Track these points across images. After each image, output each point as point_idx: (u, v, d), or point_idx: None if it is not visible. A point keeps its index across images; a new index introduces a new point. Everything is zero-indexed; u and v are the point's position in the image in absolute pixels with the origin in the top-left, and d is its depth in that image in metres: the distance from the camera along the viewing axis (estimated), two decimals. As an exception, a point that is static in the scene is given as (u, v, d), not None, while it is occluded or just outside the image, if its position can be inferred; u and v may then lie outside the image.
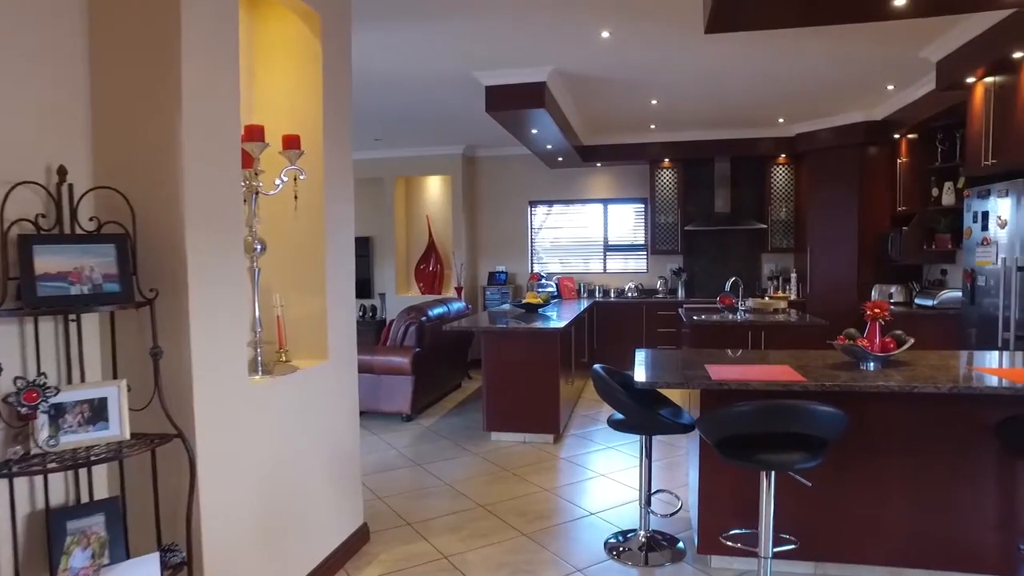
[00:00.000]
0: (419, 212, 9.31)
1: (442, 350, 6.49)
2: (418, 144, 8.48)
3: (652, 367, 3.02)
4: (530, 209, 8.96)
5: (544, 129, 6.02)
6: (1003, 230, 4.23)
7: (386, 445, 5.21)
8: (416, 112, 6.62)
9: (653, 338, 7.82)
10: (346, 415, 3.18)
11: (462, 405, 6.60)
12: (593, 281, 8.69)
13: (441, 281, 9.15)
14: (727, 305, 5.80)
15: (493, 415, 5.20)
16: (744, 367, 2.96)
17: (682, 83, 5.65)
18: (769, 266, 8.17)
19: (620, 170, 8.59)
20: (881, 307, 2.98)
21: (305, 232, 2.93)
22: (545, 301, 6.25)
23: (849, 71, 5.40)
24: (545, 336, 5.05)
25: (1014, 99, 4.17)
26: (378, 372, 5.88)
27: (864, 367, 2.93)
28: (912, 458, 2.80)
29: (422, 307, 6.18)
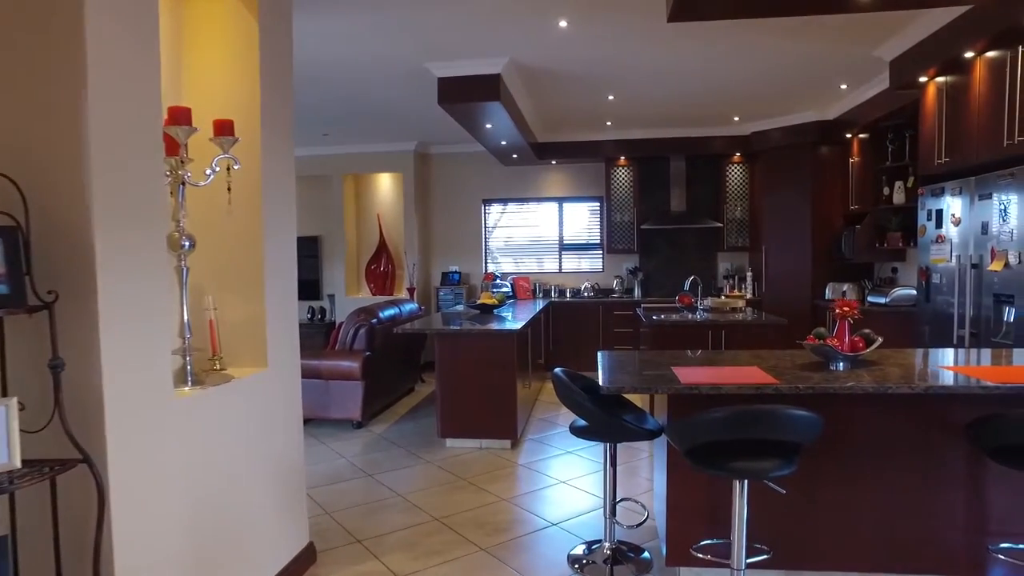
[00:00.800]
0: (370, 211, 9.00)
1: (394, 353, 6.24)
2: (368, 140, 8.18)
3: (616, 370, 2.87)
4: (484, 208, 8.76)
5: (499, 124, 5.83)
6: (957, 228, 4.24)
7: (335, 455, 4.94)
8: (366, 106, 6.35)
9: (610, 338, 7.72)
10: (289, 427, 2.93)
11: (416, 410, 6.36)
12: (548, 281, 8.55)
13: (393, 282, 8.88)
14: (686, 304, 5.73)
15: (447, 421, 4.98)
16: (713, 369, 2.83)
17: (640, 78, 5.54)
18: (724, 265, 8.18)
19: (575, 168, 8.48)
20: (850, 306, 2.90)
21: (241, 228, 2.67)
22: (500, 302, 6.07)
23: (804, 69, 5.38)
24: (501, 338, 4.87)
25: (966, 99, 4.19)
26: (326, 377, 5.59)
27: (834, 367, 2.84)
28: (882, 460, 2.72)
29: (372, 309, 5.92)
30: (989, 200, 3.90)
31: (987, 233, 3.92)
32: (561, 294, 8.33)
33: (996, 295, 3.84)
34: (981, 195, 3.98)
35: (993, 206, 3.86)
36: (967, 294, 4.11)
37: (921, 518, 2.72)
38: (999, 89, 3.83)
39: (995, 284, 3.86)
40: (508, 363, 4.86)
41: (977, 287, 4.03)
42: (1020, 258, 3.63)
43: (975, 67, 4.10)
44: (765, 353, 3.25)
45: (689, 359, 3.12)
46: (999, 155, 3.82)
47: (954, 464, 2.69)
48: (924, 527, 2.72)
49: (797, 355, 3.15)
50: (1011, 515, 2.68)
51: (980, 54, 4.03)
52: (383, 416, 6.12)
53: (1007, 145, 3.73)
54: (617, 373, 2.80)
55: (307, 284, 8.98)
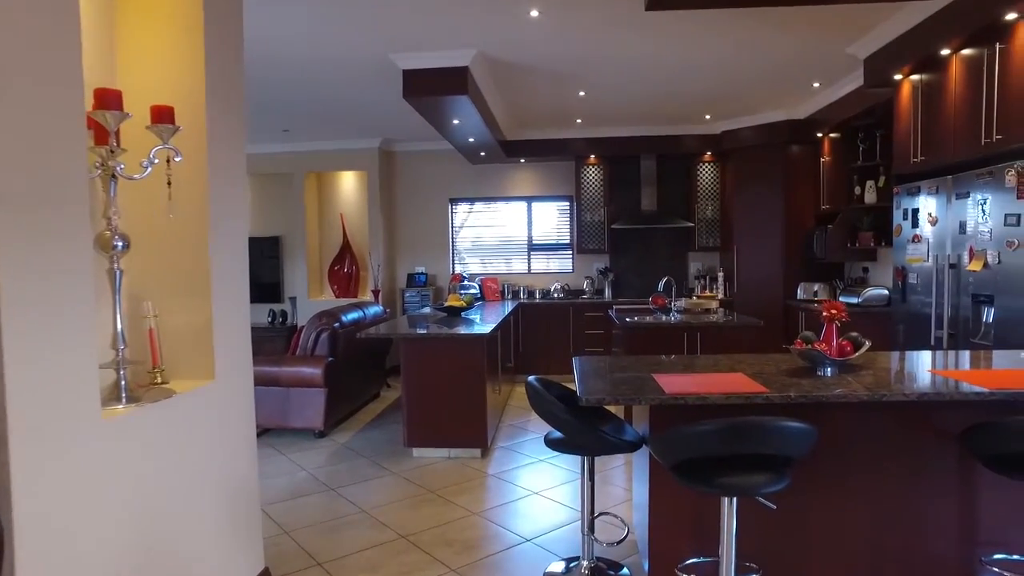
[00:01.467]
0: (333, 210, 8.71)
1: (358, 358, 5.98)
2: (331, 137, 7.90)
3: (593, 378, 2.69)
4: (451, 207, 8.54)
5: (466, 119, 5.63)
6: (933, 227, 4.17)
7: (295, 467, 4.68)
8: (327, 100, 6.08)
9: (581, 340, 7.57)
10: (240, 443, 2.68)
11: (381, 417, 6.11)
12: (517, 282, 8.37)
13: (357, 283, 8.60)
14: (660, 306, 5.60)
15: (414, 429, 4.76)
16: (696, 376, 2.67)
17: (611, 73, 5.39)
18: (696, 265, 8.10)
19: (545, 167, 8.31)
20: (838, 308, 2.77)
21: (185, 227, 2.42)
22: (468, 304, 5.87)
23: (778, 66, 5.30)
24: (469, 342, 4.66)
25: (941, 97, 4.13)
26: (286, 385, 5.32)
27: (821, 372, 2.70)
28: (873, 469, 2.60)
29: (335, 312, 5.66)
30: (967, 199, 3.83)
31: (965, 232, 3.85)
32: (530, 295, 8.16)
33: (974, 295, 3.78)
34: (959, 194, 3.92)
35: (971, 205, 3.80)
36: (944, 294, 4.05)
37: (913, 529, 2.60)
38: (976, 87, 3.77)
39: (973, 284, 3.80)
40: (477, 368, 4.67)
41: (955, 287, 3.97)
42: (999, 258, 3.56)
43: (951, 65, 4.04)
44: (748, 358, 3.12)
45: (669, 365, 2.97)
46: (976, 154, 3.76)
47: (946, 473, 2.58)
48: (916, 538, 2.60)
49: (781, 360, 3.02)
50: (1004, 525, 2.58)
51: (956, 51, 3.97)
52: (347, 424, 5.86)
53: (984, 144, 3.67)
54: (595, 382, 2.62)
55: (268, 286, 8.65)
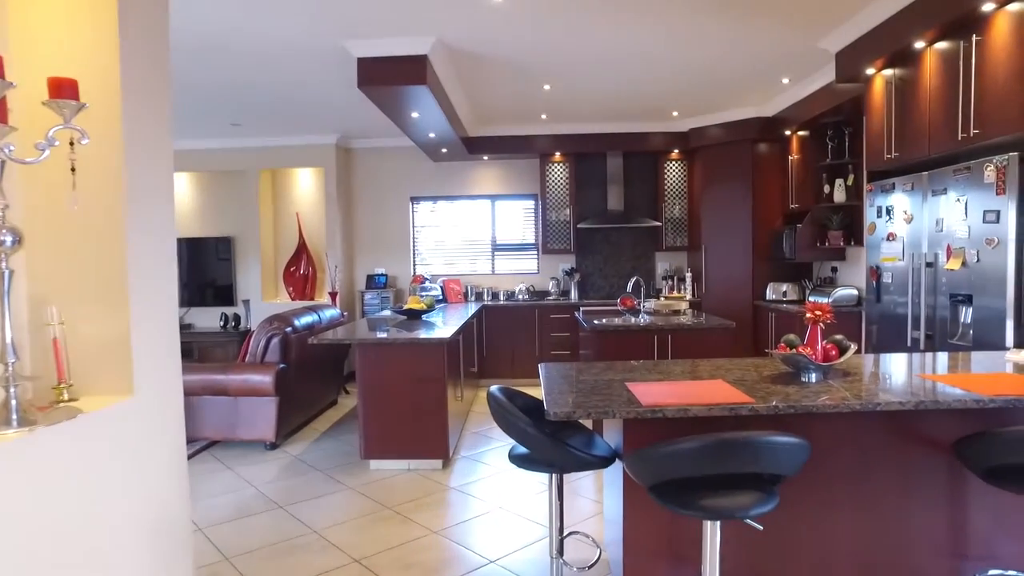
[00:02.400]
0: (288, 209, 8.33)
1: (313, 364, 5.66)
2: (285, 132, 7.54)
3: (561, 389, 2.46)
4: (412, 206, 8.25)
5: (426, 113, 5.36)
6: (909, 225, 4.06)
7: (242, 483, 4.35)
8: (278, 92, 5.74)
9: (548, 343, 7.36)
10: (166, 467, 2.37)
11: (338, 426, 5.80)
12: (481, 283, 8.12)
13: (314, 285, 8.24)
14: (628, 307, 5.41)
15: (371, 440, 4.48)
16: (672, 385, 2.46)
17: (578, 65, 5.19)
18: (663, 265, 7.95)
19: (509, 164, 8.08)
20: (822, 309, 2.59)
21: (96, 221, 2.11)
22: (429, 306, 5.60)
23: (748, 61, 5.16)
24: (429, 348, 4.40)
25: (915, 91, 4.02)
26: (234, 394, 4.98)
27: (806, 378, 2.52)
28: (860, 482, 2.42)
29: (287, 316, 5.33)
30: (944, 196, 3.72)
31: (942, 230, 3.74)
32: (495, 297, 7.91)
33: (952, 295, 3.66)
34: (935, 191, 3.80)
35: (948, 202, 3.68)
36: (921, 294, 3.93)
37: (902, 544, 2.43)
38: (951, 81, 3.66)
39: (951, 283, 3.68)
40: (437, 375, 4.40)
41: (932, 287, 3.85)
42: (978, 256, 3.44)
43: (925, 58, 3.92)
44: (726, 363, 2.92)
45: (642, 371, 2.75)
46: (953, 149, 3.64)
47: (937, 485, 2.42)
48: (906, 554, 2.43)
49: (762, 364, 2.83)
50: (998, 538, 2.42)
51: (931, 44, 3.86)
52: (301, 434, 5.54)
53: (961, 139, 3.55)
54: (563, 392, 2.39)
55: (220, 289, 8.24)
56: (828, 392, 2.26)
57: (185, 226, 8.31)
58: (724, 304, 6.97)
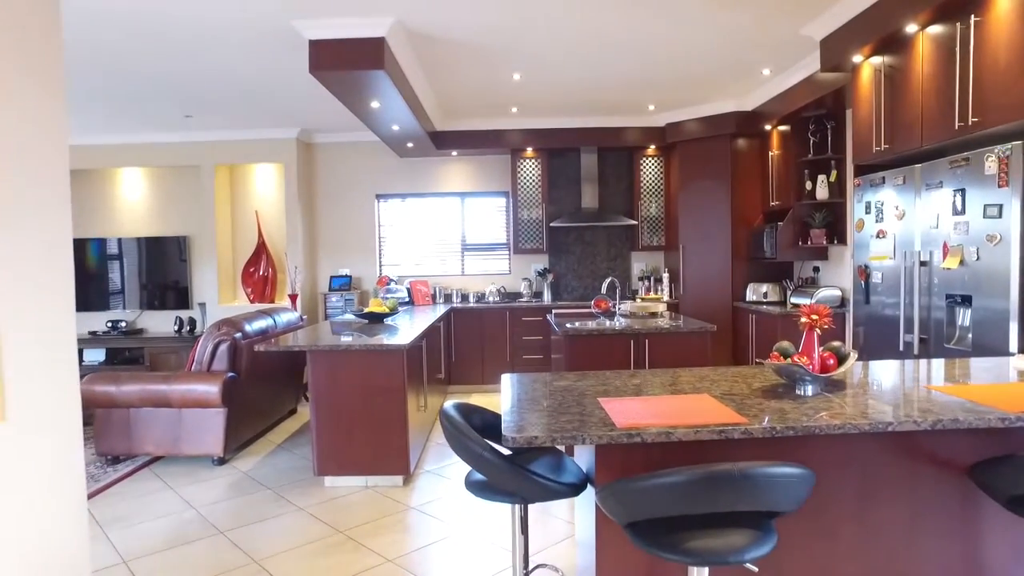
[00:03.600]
0: (247, 207, 7.91)
1: (268, 371, 5.27)
2: (242, 125, 7.12)
3: (525, 406, 2.14)
4: (378, 204, 7.87)
5: (388, 102, 5.01)
6: (901, 222, 3.81)
7: (183, 504, 3.96)
8: (231, 81, 5.34)
9: (519, 347, 7.03)
10: (53, 502, 2.00)
11: (295, 438, 5.41)
12: (450, 284, 7.77)
13: (274, 287, 7.82)
14: (603, 310, 5.10)
15: (325, 456, 4.11)
16: (652, 401, 2.15)
17: (548, 53, 4.87)
18: (639, 265, 7.68)
19: (479, 160, 7.74)
20: (820, 312, 2.30)
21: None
22: (392, 309, 5.24)
23: (728, 49, 4.88)
24: (388, 355, 4.05)
25: (907, 79, 3.77)
26: (177, 406, 4.58)
27: (801, 391, 2.23)
28: (864, 511, 2.13)
29: (237, 321, 4.93)
30: (939, 190, 3.46)
31: (938, 227, 3.48)
32: (464, 299, 7.57)
33: (949, 296, 3.41)
34: (929, 184, 3.55)
35: (944, 196, 3.43)
36: (914, 295, 3.68)
37: (911, 582, 2.15)
38: (947, 66, 3.41)
39: (948, 283, 3.43)
40: (397, 384, 4.05)
41: (926, 287, 3.60)
42: (978, 254, 3.19)
43: (917, 44, 3.67)
44: (711, 373, 2.62)
45: (617, 384, 2.44)
46: (949, 140, 3.39)
47: (950, 512, 2.13)
48: (915, 593, 2.15)
49: (751, 375, 2.54)
50: (1018, 573, 2.15)
51: (924, 28, 3.61)
52: (254, 447, 5.14)
53: (959, 128, 3.30)
54: (527, 411, 2.06)
55: (174, 291, 7.78)
56: (828, 408, 1.96)
57: (138, 225, 7.85)
58: (702, 306, 6.71)
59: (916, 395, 2.16)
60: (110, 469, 4.58)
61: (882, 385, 2.32)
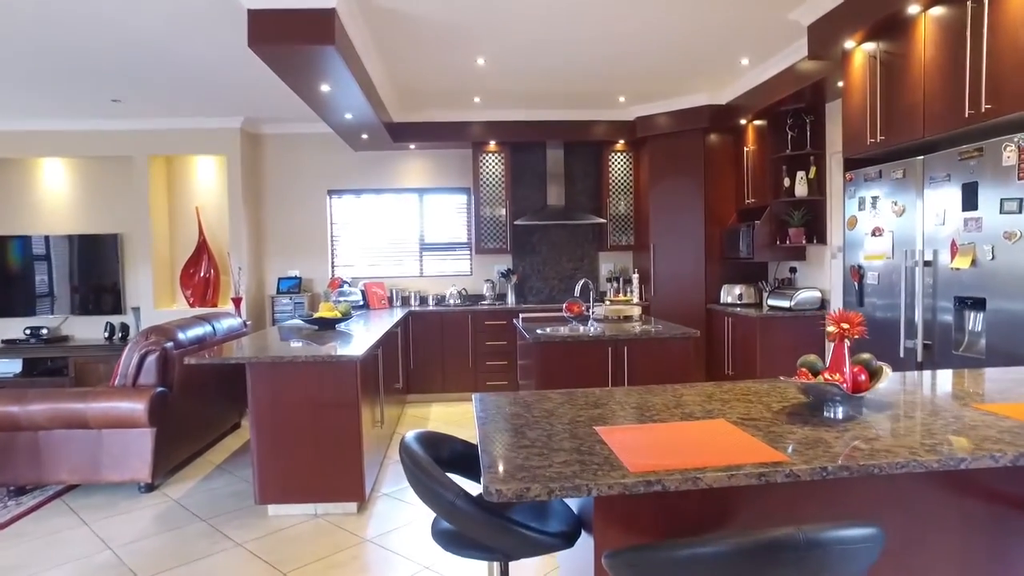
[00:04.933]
0: (186, 202, 7.29)
1: (205, 384, 4.74)
2: (179, 112, 6.52)
3: (506, 439, 1.73)
4: (330, 200, 7.35)
5: (340, 86, 4.53)
6: (900, 218, 3.53)
7: (97, 544, 3.42)
8: (163, 59, 4.78)
9: (483, 353, 6.61)
10: None
11: (238, 456, 4.88)
12: (408, 286, 7.30)
13: (217, 290, 7.23)
14: (575, 314, 4.73)
15: (268, 482, 3.63)
16: (660, 430, 1.76)
17: (517, 35, 4.48)
18: (607, 266, 7.34)
19: (439, 155, 7.30)
20: (851, 321, 1.95)
21: None
22: (344, 314, 4.77)
23: (707, 36, 4.57)
24: (339, 367, 3.59)
25: (906, 65, 3.49)
26: (96, 426, 4.03)
27: (830, 413, 1.88)
28: (911, 557, 1.78)
29: (168, 329, 4.39)
30: (947, 183, 3.19)
31: (944, 224, 3.21)
32: (423, 302, 7.12)
33: (959, 298, 3.13)
34: (934, 178, 3.27)
35: (952, 191, 3.15)
36: (917, 297, 3.40)
37: (964, 640, 1.81)
38: (954, 50, 3.13)
39: (956, 285, 3.15)
40: (350, 400, 3.60)
41: (931, 289, 3.32)
42: (993, 253, 2.92)
43: (918, 27, 3.40)
44: (712, 388, 2.26)
45: (612, 406, 2.05)
46: (956, 129, 3.12)
47: (1008, 556, 1.81)
48: (968, 653, 1.82)
49: (761, 392, 2.18)
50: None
51: (926, 8, 3.33)
52: (189, 469, 4.60)
53: (969, 116, 3.02)
54: (510, 448, 1.65)
55: (105, 295, 7.11)
56: (872, 437, 1.61)
57: (65, 222, 7.16)
58: (675, 308, 6.41)
59: (968, 418, 1.83)
60: (12, 503, 3.98)
61: (918, 404, 1.99)
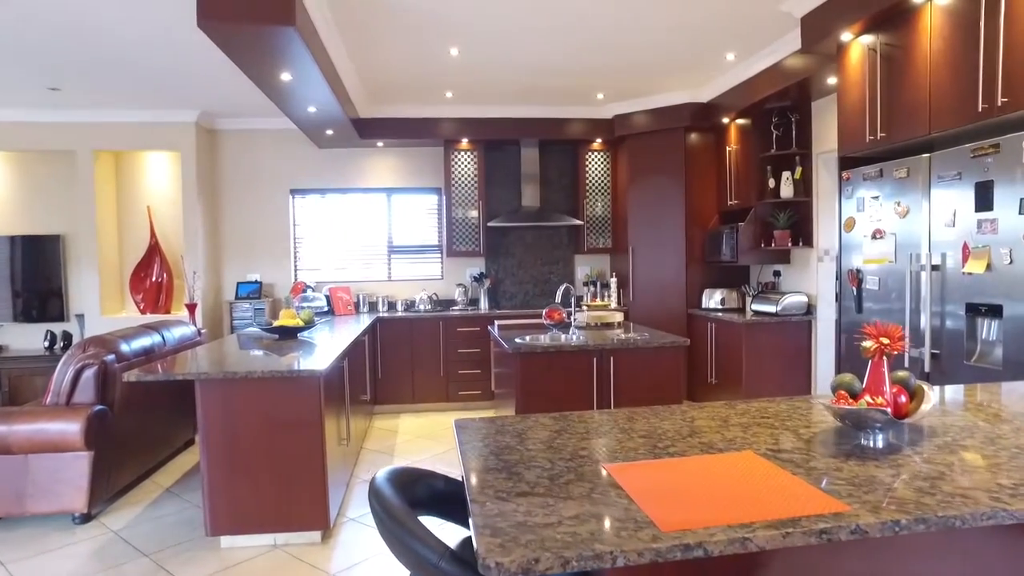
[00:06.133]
0: (136, 201, 6.82)
1: (152, 399, 4.32)
2: (128, 104, 6.07)
3: (500, 483, 1.43)
4: (293, 200, 6.95)
5: (302, 75, 4.18)
6: (903, 220, 3.32)
7: (22, 584, 3.01)
8: (105, 43, 4.37)
9: (454, 361, 6.29)
10: None
11: (189, 478, 4.48)
12: (375, 291, 6.94)
13: (170, 295, 6.77)
14: (556, 321, 4.45)
15: (220, 511, 3.26)
16: (681, 467, 1.48)
17: (494, 22, 4.18)
18: (583, 269, 7.08)
19: (408, 153, 6.96)
20: (891, 335, 1.70)
21: None
22: (307, 322, 4.41)
23: (693, 28, 4.33)
24: (300, 382, 3.24)
25: (910, 58, 3.29)
26: (22, 451, 3.60)
27: (869, 441, 1.63)
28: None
29: (110, 340, 3.97)
30: (957, 183, 2.99)
31: (955, 225, 3.01)
32: (391, 307, 6.76)
33: (971, 305, 2.93)
34: (943, 177, 3.07)
35: (963, 190, 2.95)
36: (923, 302, 3.20)
37: None
38: (966, 41, 2.94)
39: (968, 290, 2.95)
40: (312, 418, 3.25)
41: (938, 294, 3.12)
42: (1011, 256, 2.72)
43: (923, 17, 3.20)
44: (727, 411, 1.99)
45: (617, 435, 1.77)
46: (970, 123, 2.92)
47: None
48: None
49: (781, 414, 1.91)
50: None
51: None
52: (133, 494, 4.18)
53: (983, 110, 2.83)
54: (505, 494, 1.35)
55: (46, 300, 6.60)
56: (930, 472, 1.35)
57: (0, 221, 6.63)
58: (654, 313, 6.17)
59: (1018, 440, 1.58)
60: (-77, 539, 3.54)
61: (965, 428, 1.74)
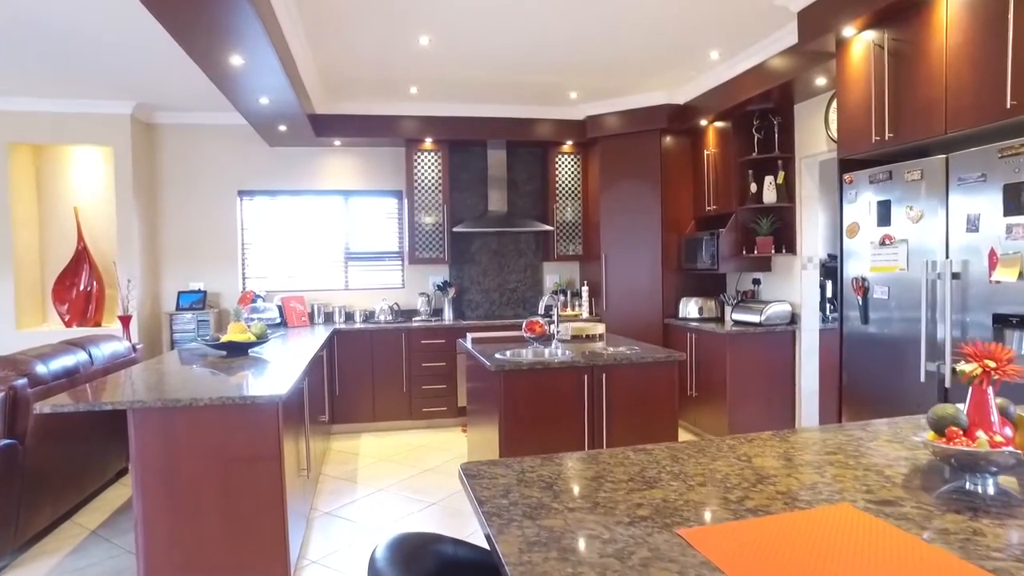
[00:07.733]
0: (61, 201, 6.16)
1: (75, 427, 3.77)
2: (50, 92, 5.46)
3: (553, 567, 1.07)
4: (240, 201, 6.42)
5: (255, 58, 3.73)
6: (916, 224, 3.11)
7: (-92, 660, 2.46)
8: (17, 16, 3.82)
9: (418, 376, 5.87)
10: None
11: (119, 517, 3.93)
12: (331, 301, 6.46)
13: (100, 306, 6.14)
14: (537, 334, 4.10)
15: (158, 560, 2.77)
16: (774, 529, 1.15)
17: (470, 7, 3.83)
18: (552, 277, 6.77)
19: (368, 153, 6.52)
20: (997, 357, 1.41)
21: None
22: (259, 336, 3.95)
23: (677, 26, 4.08)
24: (255, 411, 2.79)
25: (923, 53, 3.08)
26: (-82, 490, 3.02)
27: (977, 485, 1.33)
28: None
29: (21, 360, 3.42)
30: (982, 185, 2.78)
31: (979, 230, 2.80)
32: (349, 318, 6.30)
33: (999, 315, 2.72)
34: (963, 179, 2.86)
35: (990, 193, 2.74)
36: (942, 312, 2.98)
37: None
38: (988, 36, 2.73)
39: (995, 300, 2.74)
40: (269, 451, 2.81)
41: (959, 304, 2.90)
42: (1046, 264, 2.51)
43: (936, 11, 3.00)
44: (779, 444, 1.67)
45: (671, 483, 1.43)
46: (996, 122, 2.72)
47: None
48: None
49: (846, 446, 1.61)
50: None
51: (948, -13, 2.94)
52: (51, 539, 3.62)
53: (1012, 107, 2.63)
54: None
55: (-48, 311, 5.87)
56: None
57: (-102, 224, 5.87)
58: (630, 323, 5.90)
59: None
60: None
61: (1081, 468, 1.47)
